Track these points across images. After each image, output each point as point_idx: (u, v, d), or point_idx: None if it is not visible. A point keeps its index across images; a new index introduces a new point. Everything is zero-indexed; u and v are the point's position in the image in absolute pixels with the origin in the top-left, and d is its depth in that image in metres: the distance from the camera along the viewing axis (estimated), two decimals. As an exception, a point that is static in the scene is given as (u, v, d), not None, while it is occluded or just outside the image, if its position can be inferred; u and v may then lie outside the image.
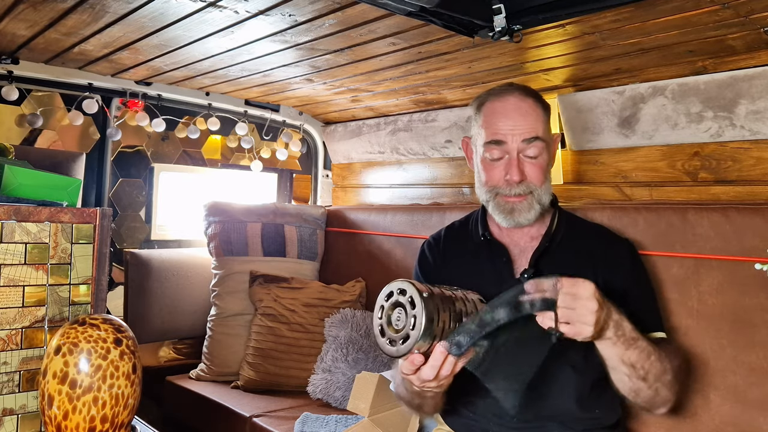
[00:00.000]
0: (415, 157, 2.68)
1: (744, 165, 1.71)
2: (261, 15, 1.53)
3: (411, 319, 1.05)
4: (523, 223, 1.40)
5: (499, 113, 1.40)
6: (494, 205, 1.42)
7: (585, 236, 1.47)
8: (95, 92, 2.36)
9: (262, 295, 2.38)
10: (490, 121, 1.40)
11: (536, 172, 1.39)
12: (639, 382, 1.22)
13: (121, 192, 2.81)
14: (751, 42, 1.47)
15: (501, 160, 1.40)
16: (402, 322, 1.07)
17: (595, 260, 1.41)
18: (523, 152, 1.38)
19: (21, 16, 1.64)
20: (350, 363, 2.14)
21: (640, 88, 1.84)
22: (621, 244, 1.48)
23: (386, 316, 1.10)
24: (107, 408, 1.07)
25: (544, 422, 1.35)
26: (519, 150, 1.38)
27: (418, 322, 1.04)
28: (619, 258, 1.43)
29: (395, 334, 1.08)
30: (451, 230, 1.61)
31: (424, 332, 1.03)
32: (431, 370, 1.07)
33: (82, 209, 1.36)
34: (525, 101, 1.40)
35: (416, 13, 1.39)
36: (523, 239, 1.46)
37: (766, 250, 1.42)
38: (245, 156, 3.11)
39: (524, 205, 1.39)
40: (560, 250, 1.43)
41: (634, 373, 1.21)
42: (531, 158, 1.38)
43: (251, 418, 2.03)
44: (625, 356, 1.19)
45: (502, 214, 1.41)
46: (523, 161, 1.38)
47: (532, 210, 1.39)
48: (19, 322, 1.27)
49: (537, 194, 1.39)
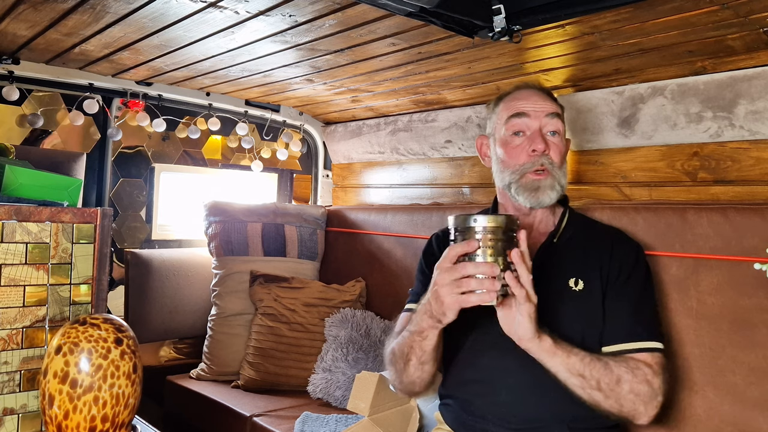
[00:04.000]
0: (415, 157, 2.68)
1: (743, 165, 1.72)
2: (261, 15, 1.53)
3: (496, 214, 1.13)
4: (546, 202, 1.41)
5: (519, 97, 1.47)
6: (518, 186, 1.43)
7: (595, 236, 1.47)
8: (96, 92, 2.36)
9: (263, 295, 2.38)
10: (511, 104, 1.47)
11: (556, 151, 1.43)
12: (595, 393, 1.24)
13: (122, 192, 2.81)
14: (751, 42, 1.48)
15: (523, 137, 1.44)
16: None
17: (602, 260, 1.41)
18: (545, 129, 1.43)
19: (22, 16, 1.64)
20: (350, 363, 2.14)
21: (640, 89, 1.84)
22: (628, 245, 1.47)
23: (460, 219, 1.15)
24: (108, 407, 1.07)
25: (545, 423, 1.35)
26: (541, 126, 1.43)
27: (503, 216, 1.12)
28: (624, 258, 1.42)
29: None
30: None
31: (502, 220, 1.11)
32: (474, 267, 1.10)
33: (82, 209, 1.37)
34: (541, 91, 1.49)
35: (416, 13, 1.40)
36: (532, 234, 1.46)
37: (765, 250, 1.42)
38: (246, 156, 3.11)
39: (548, 183, 1.41)
40: (567, 247, 1.44)
41: (586, 384, 1.23)
42: (552, 136, 1.43)
43: (251, 418, 2.03)
44: (569, 365, 1.22)
45: (526, 193, 1.42)
46: (546, 136, 1.43)
47: (554, 190, 1.41)
48: (19, 321, 1.28)
49: (557, 175, 1.42)
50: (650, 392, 1.27)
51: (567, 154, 1.52)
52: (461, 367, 1.45)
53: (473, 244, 1.11)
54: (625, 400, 1.25)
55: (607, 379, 1.24)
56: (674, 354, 1.55)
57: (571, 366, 1.23)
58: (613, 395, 1.24)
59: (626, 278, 1.40)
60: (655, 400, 1.28)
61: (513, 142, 1.44)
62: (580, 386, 1.24)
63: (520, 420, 1.35)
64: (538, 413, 1.35)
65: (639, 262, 1.44)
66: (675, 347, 1.56)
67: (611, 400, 1.25)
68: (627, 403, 1.25)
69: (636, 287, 1.40)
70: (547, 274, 1.38)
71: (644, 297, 1.41)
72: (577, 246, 1.44)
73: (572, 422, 1.34)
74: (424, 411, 1.84)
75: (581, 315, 1.37)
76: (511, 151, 1.44)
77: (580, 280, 1.39)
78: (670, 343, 1.56)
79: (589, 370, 1.23)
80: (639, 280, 1.41)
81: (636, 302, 1.38)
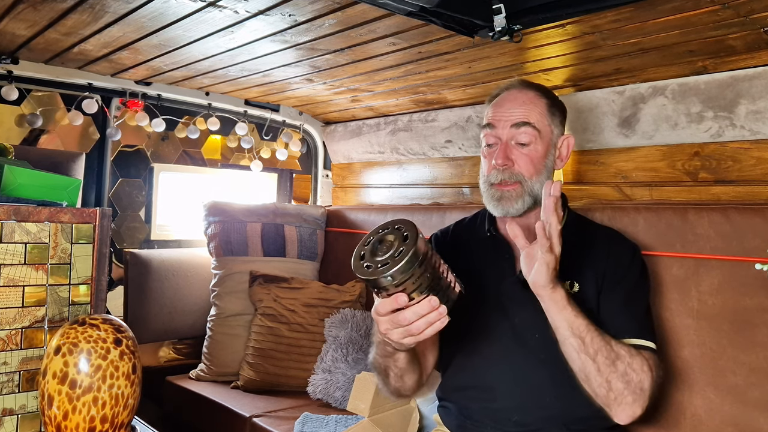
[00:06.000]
0: (415, 157, 2.68)
1: (744, 165, 1.71)
2: (261, 15, 1.53)
3: (398, 250, 0.98)
4: (512, 212, 1.39)
5: (497, 104, 1.45)
6: (486, 195, 1.43)
7: (592, 237, 1.46)
8: (95, 92, 2.36)
9: (262, 295, 2.38)
10: (489, 111, 1.46)
11: (525, 161, 1.39)
12: (589, 362, 1.21)
13: (121, 192, 2.81)
14: (752, 42, 1.47)
15: (494, 147, 1.42)
16: (385, 252, 1.00)
17: (598, 261, 1.40)
18: (513, 139, 1.40)
19: (21, 16, 1.64)
20: (350, 363, 2.14)
21: (640, 88, 1.84)
22: (625, 245, 1.45)
23: (372, 245, 1.04)
24: (107, 408, 1.06)
25: (543, 424, 1.35)
26: (509, 136, 1.40)
27: (406, 252, 0.97)
28: (619, 258, 1.41)
29: (375, 258, 1.01)
30: (459, 226, 1.62)
31: (408, 263, 0.96)
32: (413, 314, 1.02)
33: (81, 209, 1.36)
34: (523, 92, 1.44)
35: (416, 13, 1.39)
36: (529, 237, 1.46)
37: (766, 250, 1.42)
38: (245, 156, 3.11)
39: (512, 194, 1.38)
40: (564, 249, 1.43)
41: (582, 348, 1.21)
42: (521, 146, 1.40)
43: (251, 418, 2.03)
44: (574, 324, 1.21)
45: (491, 203, 1.41)
46: (512, 148, 1.40)
47: (520, 200, 1.38)
48: (18, 322, 1.27)
49: (527, 185, 1.39)
50: (641, 385, 1.23)
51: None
52: (458, 372, 1.45)
53: (401, 299, 1.01)
54: (615, 382, 1.21)
55: (605, 354, 1.21)
56: (675, 354, 1.55)
57: (575, 326, 1.21)
58: (605, 372, 1.21)
59: (620, 277, 1.38)
60: (642, 397, 1.24)
61: (487, 152, 1.44)
62: (577, 349, 1.21)
63: (518, 423, 1.35)
64: (536, 417, 1.34)
65: (634, 263, 1.42)
66: (675, 347, 1.55)
67: (602, 378, 1.21)
68: (617, 385, 1.21)
69: (628, 285, 1.38)
70: None
71: (636, 296, 1.39)
72: (573, 248, 1.43)
73: (571, 425, 1.34)
74: (424, 412, 1.84)
75: None
76: (484, 162, 1.45)
77: (576, 283, 1.38)
78: (666, 345, 1.56)
79: (591, 337, 1.21)
80: (632, 279, 1.40)
81: (626, 299, 1.36)
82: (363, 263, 1.02)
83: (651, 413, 1.52)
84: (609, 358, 1.22)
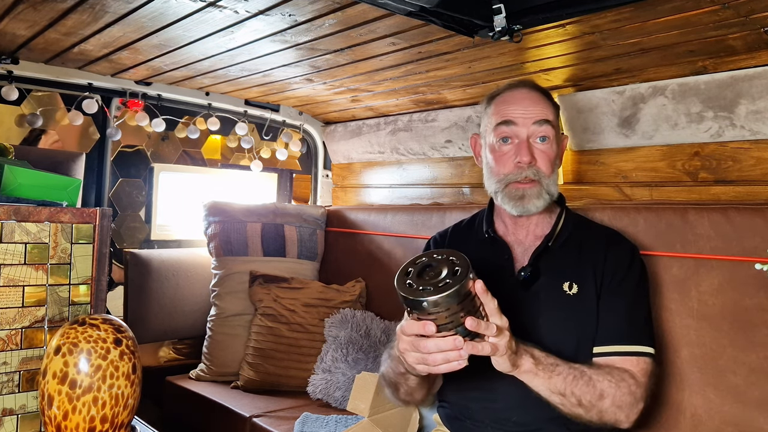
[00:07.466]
0: (415, 157, 2.68)
1: (744, 165, 1.71)
2: (261, 15, 1.53)
3: (444, 281, 1.00)
4: (532, 210, 1.39)
5: (509, 101, 1.43)
6: (504, 194, 1.41)
7: (591, 237, 1.45)
8: (95, 92, 2.36)
9: (262, 295, 2.38)
10: (501, 108, 1.43)
11: (545, 160, 1.39)
12: (576, 408, 1.24)
13: (121, 192, 2.81)
14: (752, 42, 1.47)
15: (511, 145, 1.40)
16: (432, 278, 1.01)
17: (596, 262, 1.39)
18: (533, 137, 1.39)
19: (21, 16, 1.64)
20: (350, 363, 2.14)
21: (641, 88, 1.84)
22: (623, 246, 1.44)
23: (422, 265, 1.04)
24: (107, 408, 1.06)
25: (543, 424, 1.34)
26: (529, 134, 1.39)
27: (451, 285, 0.98)
28: (619, 259, 1.40)
29: (420, 279, 1.01)
30: (458, 227, 1.62)
31: (449, 296, 0.97)
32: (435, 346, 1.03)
33: (81, 209, 1.36)
34: (534, 92, 1.43)
35: (416, 13, 1.39)
36: (528, 238, 1.46)
37: (766, 250, 1.42)
38: (245, 156, 3.11)
39: (534, 192, 1.38)
40: (562, 250, 1.43)
41: (566, 401, 1.23)
42: (540, 143, 1.39)
43: (251, 418, 2.03)
44: (551, 385, 1.21)
45: (511, 202, 1.40)
46: (533, 146, 1.39)
47: (541, 198, 1.38)
48: (18, 322, 1.27)
49: (545, 183, 1.39)
50: (632, 401, 1.27)
51: (563, 153, 1.49)
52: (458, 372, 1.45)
53: (429, 328, 1.02)
54: (606, 413, 1.25)
55: (589, 396, 1.24)
56: (675, 354, 1.55)
57: (552, 386, 1.22)
58: (594, 409, 1.24)
59: (620, 280, 1.38)
60: (636, 407, 1.27)
61: (501, 149, 1.42)
62: (561, 403, 1.24)
63: (517, 423, 1.35)
64: (535, 417, 1.34)
65: (634, 264, 1.41)
66: (676, 347, 1.55)
67: (592, 413, 1.25)
68: (608, 415, 1.25)
69: (629, 290, 1.38)
70: (542, 279, 1.38)
71: (637, 300, 1.39)
72: (572, 249, 1.43)
73: (571, 425, 1.34)
74: (424, 412, 1.84)
75: (576, 319, 1.36)
76: (499, 159, 1.42)
77: (575, 284, 1.38)
78: (667, 345, 1.56)
79: (571, 388, 1.23)
80: (632, 282, 1.39)
81: (628, 305, 1.36)
82: (406, 279, 1.03)
83: (651, 413, 1.52)
84: (593, 398, 1.24)
